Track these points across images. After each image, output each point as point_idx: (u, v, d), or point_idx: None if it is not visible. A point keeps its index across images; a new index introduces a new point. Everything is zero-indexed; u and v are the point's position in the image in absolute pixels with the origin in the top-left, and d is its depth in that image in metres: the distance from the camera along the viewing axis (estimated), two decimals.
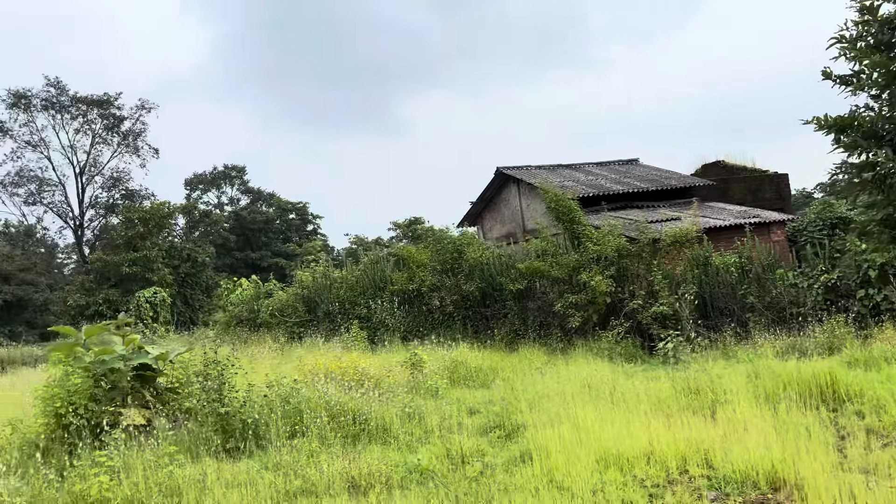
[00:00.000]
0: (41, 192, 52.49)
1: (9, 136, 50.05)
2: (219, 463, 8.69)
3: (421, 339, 20.87)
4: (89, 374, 10.25)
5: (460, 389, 13.61)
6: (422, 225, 76.75)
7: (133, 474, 7.90)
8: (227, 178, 76.53)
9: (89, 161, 52.83)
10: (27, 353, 33.97)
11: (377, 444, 9.51)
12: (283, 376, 10.90)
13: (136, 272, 46.51)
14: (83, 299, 46.29)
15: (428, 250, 23.14)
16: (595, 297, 18.29)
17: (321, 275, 26.06)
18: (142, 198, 53.94)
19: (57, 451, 9.47)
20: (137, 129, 53.19)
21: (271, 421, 9.70)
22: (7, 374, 26.41)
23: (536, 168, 28.88)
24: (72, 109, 50.51)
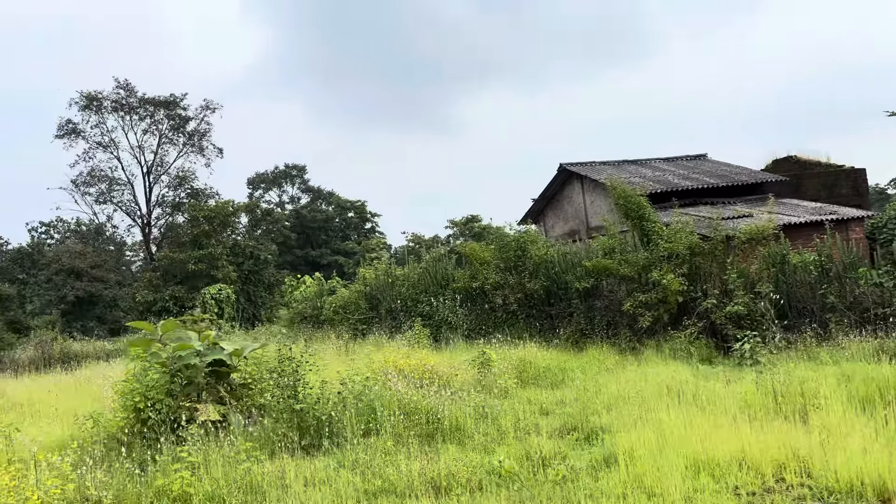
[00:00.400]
0: (111, 192, 54.15)
1: (81, 138, 51.77)
2: (296, 460, 8.65)
3: (484, 338, 20.67)
4: (166, 369, 10.37)
5: (530, 389, 13.36)
6: (479, 223, 76.60)
7: (212, 470, 7.92)
8: (288, 177, 77.67)
9: (156, 161, 54.25)
10: (99, 348, 35.02)
11: (452, 443, 9.34)
12: (354, 373, 10.82)
13: (201, 269, 47.49)
14: (150, 296, 47.51)
15: (491, 248, 22.91)
16: (666, 296, 17.79)
17: (383, 272, 26.08)
18: (207, 196, 55.12)
19: (136, 445, 9.60)
20: (202, 129, 54.39)
21: (345, 418, 9.63)
22: (82, 368, 27.21)
23: (601, 164, 28.35)
24: (140, 111, 51.95)
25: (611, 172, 26.27)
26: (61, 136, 51.75)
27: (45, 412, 14.45)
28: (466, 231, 75.12)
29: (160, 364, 10.41)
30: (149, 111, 52.21)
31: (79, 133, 51.59)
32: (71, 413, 13.90)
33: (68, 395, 16.48)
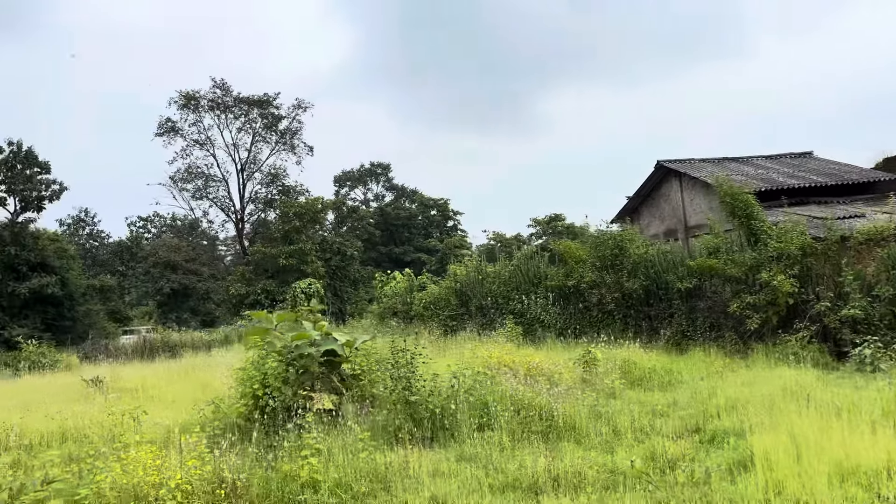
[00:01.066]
0: (207, 188, 56.27)
1: (179, 136, 54.01)
2: (414, 451, 8.67)
3: (577, 337, 20.38)
4: (283, 358, 10.60)
5: (636, 390, 13.04)
6: (562, 221, 75.76)
7: (335, 458, 8.02)
8: (373, 175, 78.82)
9: (249, 158, 56.01)
10: (197, 339, 36.36)
11: (567, 442, 9.18)
12: (464, 367, 10.80)
13: (291, 264, 48.73)
14: (243, 289, 49.02)
15: (586, 246, 22.53)
16: (775, 298, 17.07)
17: (474, 269, 26.05)
18: (297, 193, 56.57)
19: (255, 431, 9.83)
20: (294, 127, 55.85)
21: (459, 412, 9.61)
22: (184, 356, 28.30)
23: (700, 161, 27.50)
24: (235, 109, 53.75)
25: (711, 170, 25.45)
26: (161, 133, 54.15)
27: (160, 397, 15.04)
28: (549, 230, 74.40)
29: (277, 353, 10.65)
30: (243, 110, 53.95)
31: (177, 131, 53.86)
32: (183, 398, 14.45)
33: (177, 381, 17.12)
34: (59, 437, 11.20)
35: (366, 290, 60.66)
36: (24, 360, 28.93)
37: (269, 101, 54.14)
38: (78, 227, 71.39)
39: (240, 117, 54.00)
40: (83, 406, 13.18)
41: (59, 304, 49.67)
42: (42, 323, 47.79)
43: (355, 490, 7.25)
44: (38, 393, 16.87)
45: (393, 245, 73.96)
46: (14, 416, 12.21)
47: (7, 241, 47.00)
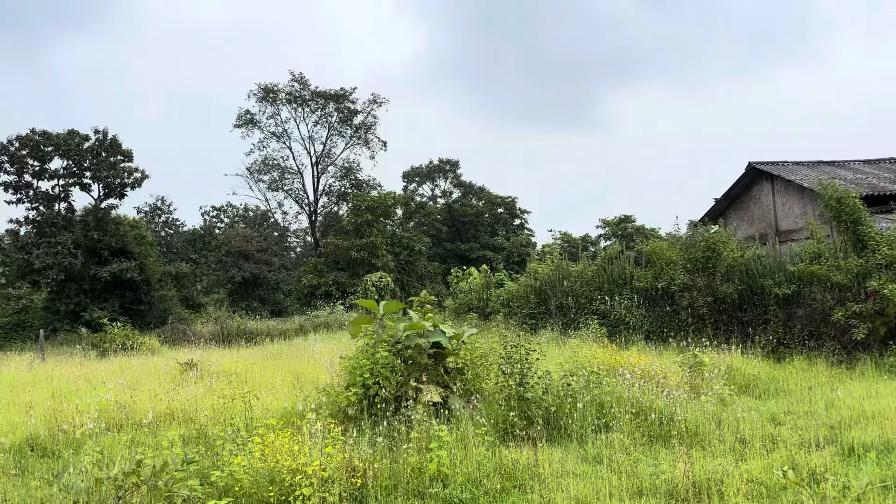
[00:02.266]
0: (282, 180, 57.20)
1: (257, 128, 55.03)
2: (533, 450, 8.46)
3: (664, 341, 19.84)
4: (392, 348, 10.54)
5: (743, 397, 12.54)
6: (632, 223, 74.60)
7: (453, 452, 7.87)
8: (441, 172, 78.89)
9: (324, 151, 56.74)
10: (272, 327, 36.86)
11: (691, 448, 8.82)
12: (575, 367, 10.53)
13: (362, 257, 49.13)
14: (315, 280, 49.66)
15: (676, 248, 21.94)
16: (885, 308, 16.26)
17: (556, 268, 25.69)
18: (369, 187, 57.03)
19: (364, 420, 9.79)
20: (369, 122, 56.30)
21: (575, 411, 9.36)
22: (262, 344, 28.76)
23: (794, 164, 26.50)
24: (311, 103, 54.48)
25: (806, 173, 24.50)
26: (239, 125, 55.21)
27: (255, 383, 15.15)
28: (619, 231, 73.36)
29: (385, 342, 10.59)
30: (320, 104, 54.62)
31: (255, 123, 54.87)
32: (279, 385, 14.58)
33: (269, 368, 17.30)
34: (167, 418, 11.38)
35: (432, 285, 60.85)
36: (109, 342, 29.84)
37: (346, 95, 54.73)
38: (154, 214, 73.60)
39: (316, 111, 54.75)
40: (181, 388, 13.37)
41: (136, 289, 51.23)
42: (120, 307, 49.36)
43: (486, 486, 7.08)
44: (134, 374, 17.28)
45: (459, 241, 73.90)
46: (121, 395, 12.51)
47: (91, 225, 48.68)
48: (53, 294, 47.70)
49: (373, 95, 56.01)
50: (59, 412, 11.84)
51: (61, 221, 48.41)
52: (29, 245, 47.08)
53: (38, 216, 48.42)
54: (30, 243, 47.17)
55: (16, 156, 47.28)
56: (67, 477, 6.93)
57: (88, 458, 7.62)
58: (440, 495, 6.92)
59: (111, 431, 10.70)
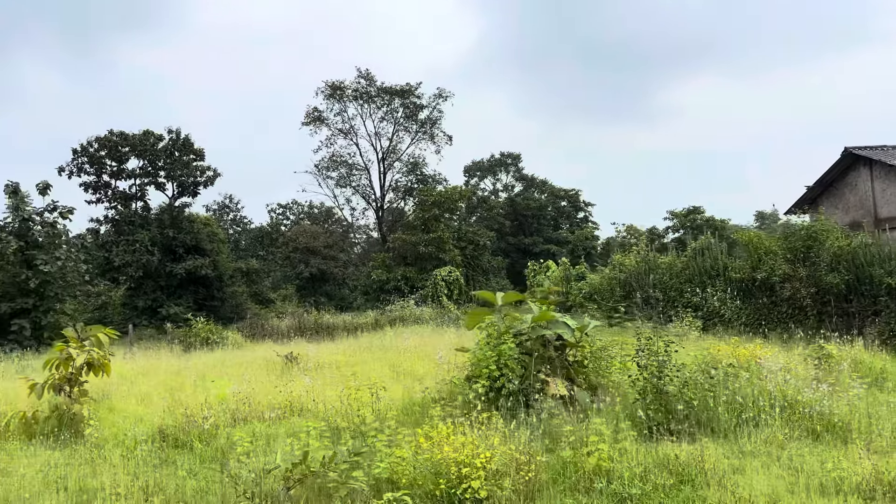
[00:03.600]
0: (350, 176, 57.65)
1: (325, 125, 55.53)
2: (687, 444, 8.14)
3: (764, 334, 19.16)
4: (517, 339, 10.34)
5: (875, 391, 11.93)
6: (701, 214, 72.88)
7: (604, 446, 7.60)
8: (503, 165, 78.40)
9: (390, 147, 56.94)
10: (349, 322, 37.07)
11: (848, 443, 8.36)
12: (716, 360, 10.15)
13: (430, 252, 49.12)
14: (384, 275, 49.84)
15: (774, 237, 21.18)
16: None
17: (642, 259, 25.13)
18: (435, 182, 57.03)
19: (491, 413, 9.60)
20: (434, 117, 56.23)
21: (719, 405, 8.99)
22: (342, 338, 28.90)
23: (894, 148, 25.33)
24: (377, 100, 54.70)
25: None
26: (307, 123, 55.80)
27: (358, 375, 15.09)
28: (687, 223, 71.72)
29: (511, 334, 10.39)
30: (385, 100, 54.79)
31: (323, 120, 55.35)
32: (382, 377, 14.49)
33: (368, 361, 17.28)
34: (288, 410, 11.39)
35: (496, 280, 60.53)
36: (193, 337, 30.43)
37: (412, 90, 54.79)
38: (223, 212, 75.06)
39: (382, 107, 54.97)
40: (297, 380, 13.40)
41: (209, 285, 52.32)
42: (194, 302, 50.43)
43: (654, 481, 6.80)
44: (235, 367, 17.48)
45: (522, 235, 73.34)
46: (233, 387, 12.61)
47: (166, 223, 49.90)
48: (131, 290, 49.05)
49: (438, 90, 56.03)
50: (179, 404, 12.01)
51: (138, 220, 49.72)
52: (109, 243, 48.51)
53: (116, 215, 49.85)
54: (109, 241, 48.61)
55: (95, 157, 48.76)
56: (234, 466, 6.91)
57: (240, 448, 7.60)
58: (607, 491, 6.67)
59: (238, 423, 10.76)
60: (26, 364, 22.95)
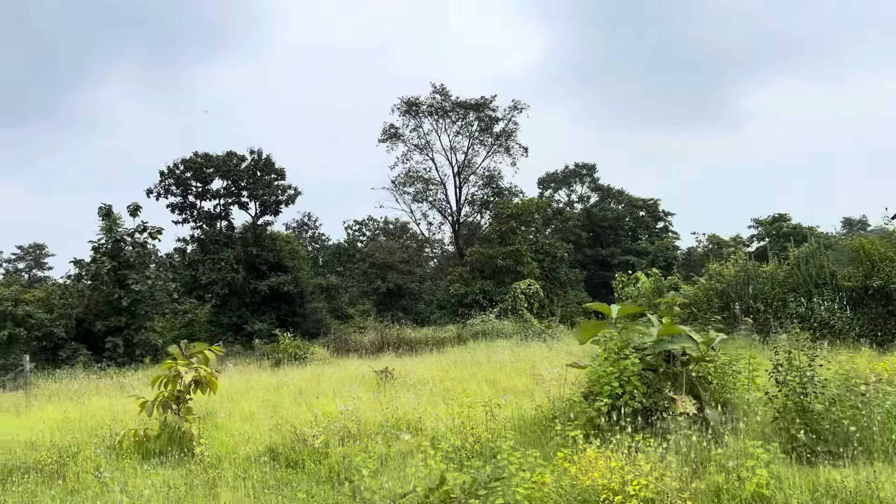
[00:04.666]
0: (426, 191, 57.85)
1: (401, 141, 55.97)
2: (834, 468, 7.40)
3: (880, 345, 17.91)
4: (638, 354, 9.76)
5: None
6: (787, 222, 70.18)
7: (763, 471, 6.94)
8: (578, 176, 77.37)
9: (466, 161, 56.88)
10: (430, 336, 36.85)
11: None
12: (859, 375, 9.32)
13: (508, 265, 48.63)
14: (462, 289, 49.55)
15: (890, 243, 19.87)
16: None
17: (741, 268, 24.00)
18: (511, 195, 56.65)
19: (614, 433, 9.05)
20: (510, 129, 55.91)
21: (874, 424, 8.19)
22: (428, 353, 28.64)
23: None
24: (452, 114, 54.78)
25: None
26: (384, 139, 56.35)
27: (454, 391, 14.68)
28: (773, 231, 69.11)
29: (630, 349, 9.82)
30: (460, 114, 54.81)
31: (399, 136, 55.79)
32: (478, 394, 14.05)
33: (467, 378, 16.86)
34: (394, 427, 11.07)
35: (574, 292, 59.51)
36: (282, 352, 30.74)
37: (486, 103, 54.66)
38: (302, 230, 76.41)
39: (457, 121, 55.01)
40: (401, 396, 13.10)
41: (291, 301, 53.18)
42: (277, 318, 51.33)
43: None
44: (331, 383, 17.37)
45: (599, 247, 72.09)
46: (341, 404, 12.39)
47: (250, 241, 51.02)
48: (217, 308, 50.28)
49: (513, 102, 55.74)
50: (285, 421, 11.87)
51: (223, 239, 51.00)
52: (195, 262, 49.90)
53: (201, 234, 51.27)
54: (196, 260, 49.99)
55: (181, 178, 50.33)
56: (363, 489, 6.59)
57: (366, 469, 7.28)
58: None
59: (347, 442, 10.51)
60: (124, 381, 23.51)
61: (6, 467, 9.99)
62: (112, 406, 14.51)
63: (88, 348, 41.74)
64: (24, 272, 73.05)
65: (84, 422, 12.95)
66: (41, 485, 9.27)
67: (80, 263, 43.03)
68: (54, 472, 9.70)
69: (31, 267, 74.39)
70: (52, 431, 12.20)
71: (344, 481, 8.77)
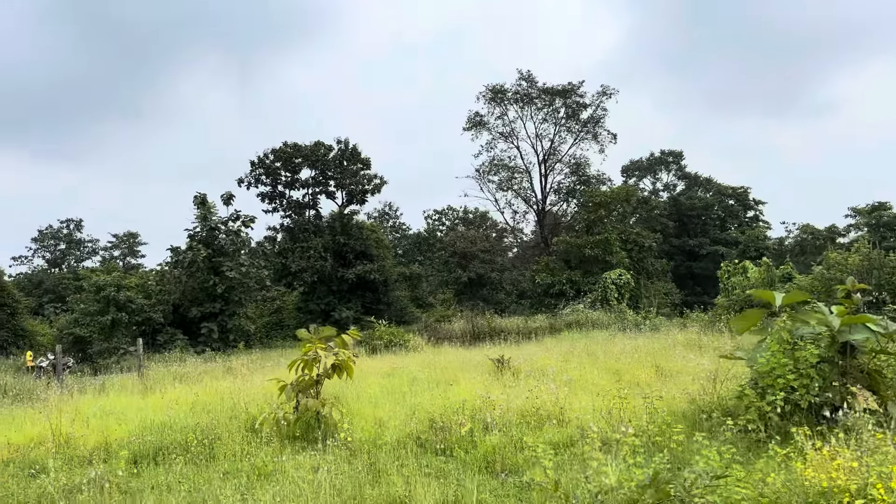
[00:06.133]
0: (511, 180, 57.16)
1: (485, 129, 55.41)
2: None
3: None
4: (812, 345, 9.03)
5: None
6: (888, 210, 66.61)
7: None
8: (664, 164, 75.21)
9: (552, 148, 55.92)
10: (521, 325, 36.34)
11: None
12: None
13: (596, 255, 47.59)
14: (548, 278, 48.82)
15: None
16: None
17: (864, 257, 22.60)
18: (599, 182, 55.44)
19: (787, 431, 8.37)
20: (598, 115, 54.64)
21: None
22: (514, 342, 28.12)
23: None
24: (538, 101, 53.87)
25: None
26: (469, 128, 55.87)
27: (579, 382, 14.12)
28: (872, 220, 65.65)
29: (803, 339, 9.10)
30: (546, 101, 53.86)
31: (484, 124, 55.22)
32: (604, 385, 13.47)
33: (580, 366, 16.31)
34: (534, 416, 10.63)
35: (661, 283, 57.85)
36: (377, 339, 30.77)
37: (573, 89, 53.52)
38: (383, 219, 76.89)
39: (543, 108, 54.07)
40: (541, 385, 12.58)
41: (376, 290, 53.48)
42: (362, 306, 51.74)
43: None
44: (442, 370, 17.07)
45: (686, 237, 69.90)
46: (457, 392, 12.05)
47: (337, 230, 51.51)
48: (305, 295, 51.01)
49: (602, 87, 54.37)
50: (419, 408, 11.61)
51: (311, 227, 51.65)
52: (285, 250, 50.71)
53: (291, 223, 52.05)
54: (286, 248, 50.80)
55: (271, 168, 51.14)
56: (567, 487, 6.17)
57: (548, 461, 6.84)
58: None
59: (491, 431, 10.13)
60: (231, 365, 23.91)
61: (154, 447, 10.02)
62: (235, 389, 14.56)
63: (184, 333, 43.00)
64: (118, 260, 76.01)
65: (213, 404, 12.99)
66: (190, 465, 9.23)
67: (176, 251, 44.28)
68: (201, 454, 9.65)
69: (125, 255, 77.30)
70: (186, 414, 12.27)
71: (503, 471, 8.40)
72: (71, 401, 15.10)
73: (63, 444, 10.65)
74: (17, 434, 11.27)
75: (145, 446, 10.06)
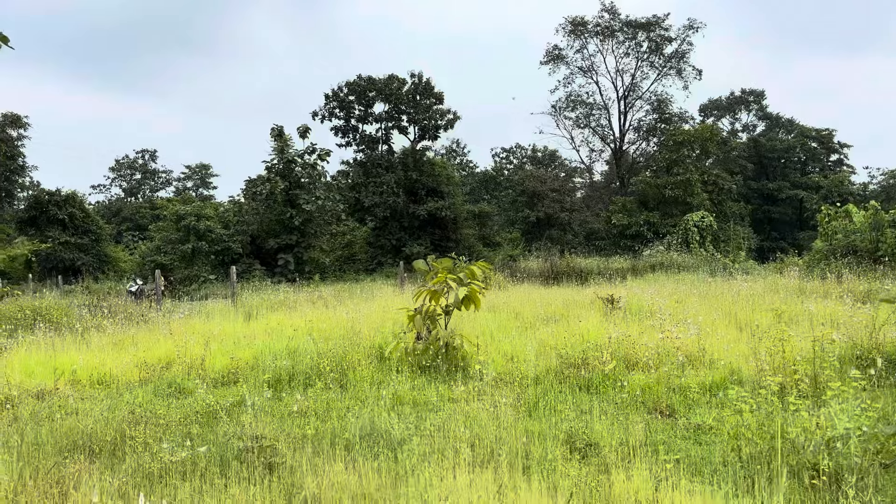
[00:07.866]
0: (589, 117, 55.52)
1: (563, 63, 53.61)
2: None
3: None
4: None
5: None
6: None
7: None
8: (743, 103, 72.04)
9: (632, 84, 53.88)
10: (602, 266, 35.57)
11: None
12: None
13: (676, 196, 46.17)
14: (625, 220, 47.73)
15: None
16: None
17: None
18: (682, 121, 53.38)
19: None
20: (682, 50, 52.19)
21: None
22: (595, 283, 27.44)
23: None
24: (619, 34, 51.71)
25: None
26: (546, 62, 54.18)
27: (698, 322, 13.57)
28: None
29: None
30: (629, 34, 51.66)
31: (562, 59, 53.44)
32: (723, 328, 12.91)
33: (690, 307, 15.71)
34: (665, 356, 10.16)
35: (738, 227, 56.07)
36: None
37: (658, 22, 51.07)
38: (450, 156, 76.15)
39: (625, 42, 51.89)
40: (681, 326, 12.09)
41: (445, 227, 53.21)
42: (431, 243, 51.63)
43: None
44: (544, 306, 16.67)
45: (765, 180, 67.36)
46: (612, 330, 11.65)
47: (410, 166, 51.12)
48: (377, 230, 51.11)
49: (689, 20, 51.73)
50: (543, 344, 11.30)
51: (384, 163, 51.37)
52: (358, 185, 50.67)
53: (364, 158, 51.85)
54: (359, 183, 50.75)
55: (345, 101, 50.74)
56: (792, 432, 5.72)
57: (745, 405, 6.36)
58: None
59: (631, 370, 9.75)
60: (323, 294, 24.03)
61: (287, 373, 9.96)
62: (348, 318, 14.47)
63: (261, 263, 43.71)
64: (191, 191, 77.48)
65: (330, 331, 12.90)
66: (327, 391, 9.11)
67: (252, 182, 44.63)
68: (335, 381, 9.53)
69: (198, 186, 78.71)
70: (305, 340, 12.20)
71: (660, 411, 8.02)
72: (183, 324, 15.29)
73: (191, 367, 10.70)
74: (146, 354, 11.37)
75: (277, 371, 10.01)
